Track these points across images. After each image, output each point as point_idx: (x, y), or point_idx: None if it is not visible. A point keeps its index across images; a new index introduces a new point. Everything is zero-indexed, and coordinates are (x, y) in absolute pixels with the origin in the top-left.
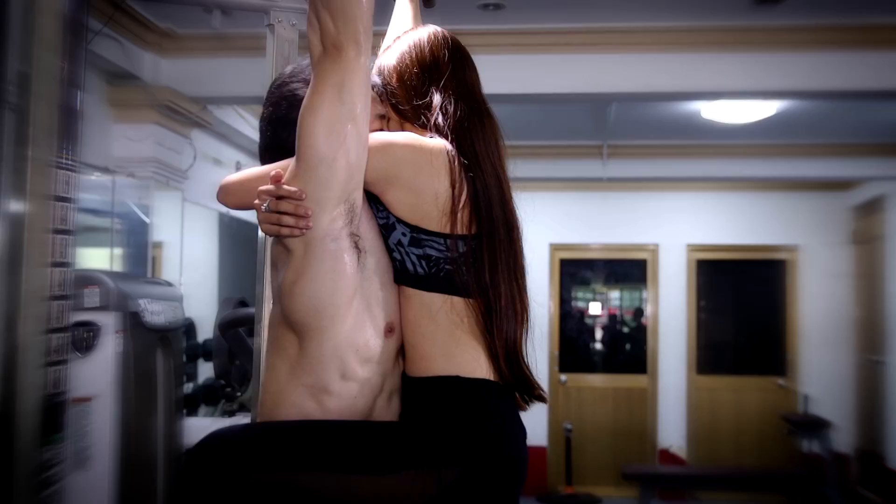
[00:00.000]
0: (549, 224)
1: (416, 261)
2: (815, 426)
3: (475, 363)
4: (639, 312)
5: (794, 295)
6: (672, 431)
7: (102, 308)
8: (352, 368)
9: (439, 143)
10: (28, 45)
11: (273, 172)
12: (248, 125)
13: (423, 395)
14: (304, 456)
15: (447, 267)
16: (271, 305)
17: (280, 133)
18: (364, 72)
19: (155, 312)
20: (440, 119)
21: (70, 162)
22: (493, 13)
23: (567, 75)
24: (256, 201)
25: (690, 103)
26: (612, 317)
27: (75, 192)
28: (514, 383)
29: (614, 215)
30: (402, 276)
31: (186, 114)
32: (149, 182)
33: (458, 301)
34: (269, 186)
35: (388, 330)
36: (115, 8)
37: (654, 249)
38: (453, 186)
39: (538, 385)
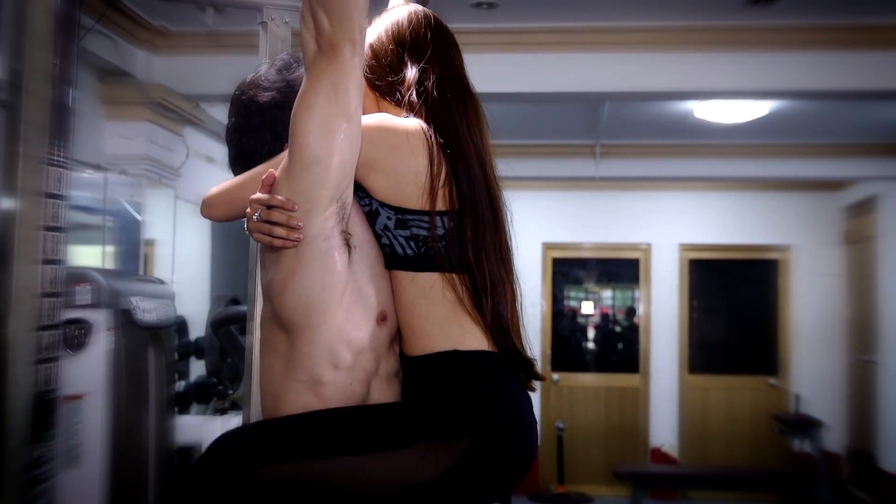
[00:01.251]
0: (541, 223)
1: (404, 243)
2: (807, 426)
3: (472, 337)
4: (631, 312)
5: (786, 295)
6: (664, 431)
7: (94, 306)
8: (344, 358)
9: (413, 122)
10: (20, 42)
11: (265, 175)
12: None
13: (424, 371)
14: (315, 444)
15: (434, 244)
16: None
17: (246, 142)
18: (358, 71)
19: (147, 310)
20: (414, 96)
21: (62, 159)
22: (487, 12)
23: (560, 74)
24: (248, 210)
25: (683, 103)
26: (604, 316)
27: (67, 189)
28: (512, 360)
29: (607, 214)
30: (393, 261)
31: (179, 111)
32: (141, 180)
33: (450, 278)
34: (261, 196)
35: (381, 318)
36: (108, 5)
37: (647, 249)
38: (431, 164)
39: (533, 361)
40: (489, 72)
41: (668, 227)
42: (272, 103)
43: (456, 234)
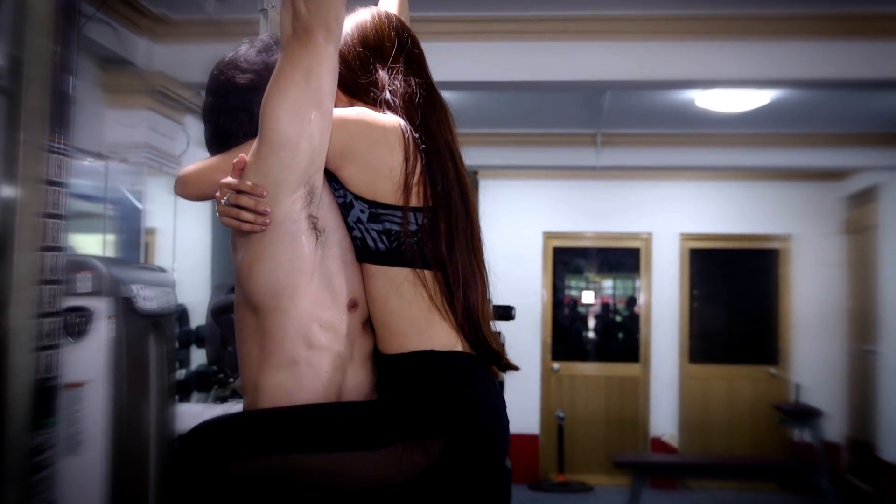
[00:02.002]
0: (542, 212)
1: (375, 237)
2: (807, 415)
3: (447, 336)
4: (632, 301)
5: (787, 284)
6: (664, 420)
7: (95, 293)
8: (316, 338)
9: (392, 118)
10: (21, 29)
11: (236, 159)
12: None
13: (400, 371)
14: (293, 438)
15: (407, 240)
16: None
17: (222, 122)
18: (332, 58)
19: (147, 298)
20: (388, 95)
21: (62, 146)
22: (487, 1)
23: (561, 63)
24: (217, 194)
25: (684, 92)
26: (604, 305)
27: (67, 176)
28: (482, 352)
29: (608, 204)
30: (364, 254)
31: (180, 99)
32: (142, 168)
33: (421, 274)
34: (230, 180)
35: (351, 305)
36: None
37: (648, 238)
38: (407, 160)
39: (503, 352)
40: (490, 61)
41: (668, 217)
42: (249, 85)
43: (430, 230)
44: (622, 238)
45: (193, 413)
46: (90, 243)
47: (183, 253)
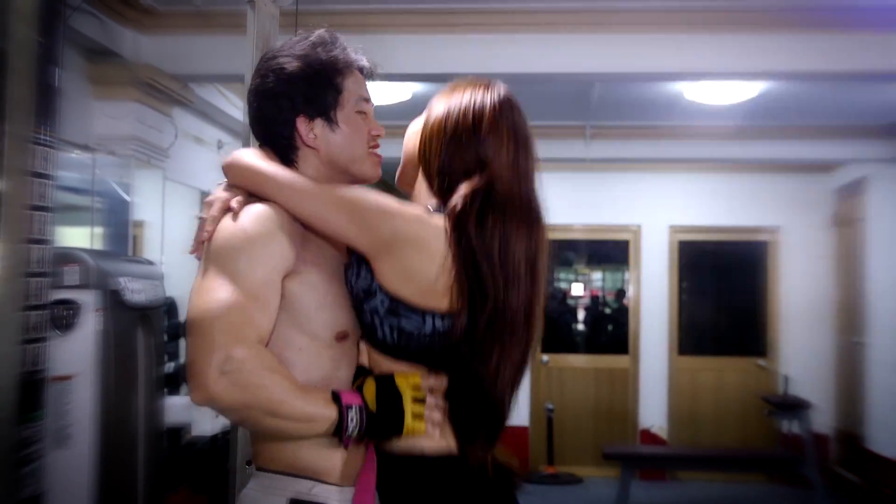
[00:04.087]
0: None
1: (387, 331)
2: (795, 407)
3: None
4: (621, 293)
5: (776, 276)
6: (653, 412)
7: (82, 286)
8: (294, 358)
9: (440, 221)
10: (5, 20)
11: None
12: (230, 103)
13: (416, 475)
14: None
15: (426, 342)
16: None
17: (264, 106)
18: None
19: (135, 291)
20: (458, 204)
21: (48, 138)
22: None
23: (550, 55)
24: (210, 212)
25: (674, 84)
26: (594, 298)
27: (54, 168)
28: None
29: (597, 196)
30: (372, 341)
31: (168, 91)
32: (129, 160)
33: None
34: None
35: (341, 337)
36: None
37: (637, 230)
38: (444, 271)
39: (514, 472)
40: (478, 53)
41: (657, 209)
42: (294, 73)
43: (468, 340)
44: (611, 230)
45: (181, 406)
46: (78, 236)
47: (171, 246)
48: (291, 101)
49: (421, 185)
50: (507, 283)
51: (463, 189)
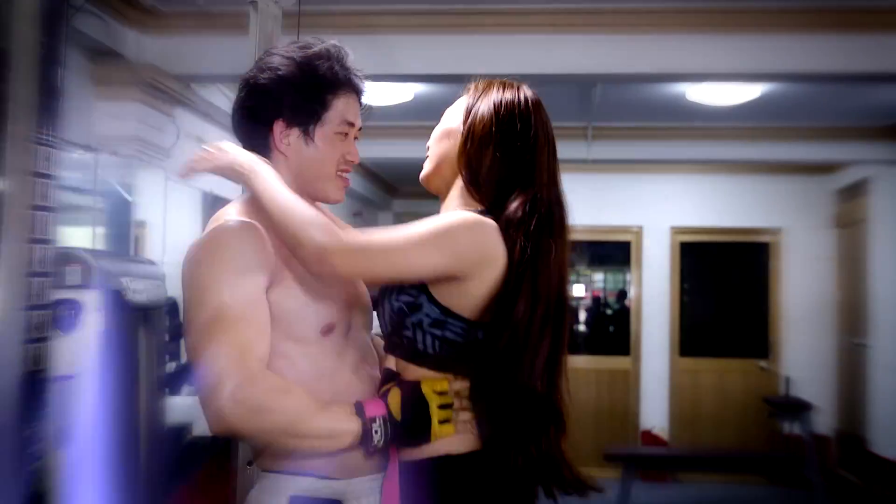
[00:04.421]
0: None
1: (429, 342)
2: (797, 408)
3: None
4: (622, 294)
5: (777, 278)
6: (654, 413)
7: (84, 286)
8: (290, 350)
9: (492, 223)
10: (8, 20)
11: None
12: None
13: (437, 476)
14: None
15: (470, 350)
16: None
17: (250, 98)
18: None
19: (137, 291)
20: (519, 214)
21: (51, 139)
22: None
23: (552, 56)
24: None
25: (675, 85)
26: (595, 299)
27: (56, 169)
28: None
29: (598, 197)
30: (406, 350)
31: (170, 92)
32: (132, 160)
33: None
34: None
35: (327, 330)
36: None
37: (638, 232)
38: (495, 284)
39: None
40: (480, 53)
41: (659, 210)
42: (281, 71)
43: (489, 345)
44: (613, 231)
45: (184, 406)
46: (80, 236)
47: (173, 246)
48: (275, 103)
49: (456, 187)
50: (562, 283)
51: (520, 198)
